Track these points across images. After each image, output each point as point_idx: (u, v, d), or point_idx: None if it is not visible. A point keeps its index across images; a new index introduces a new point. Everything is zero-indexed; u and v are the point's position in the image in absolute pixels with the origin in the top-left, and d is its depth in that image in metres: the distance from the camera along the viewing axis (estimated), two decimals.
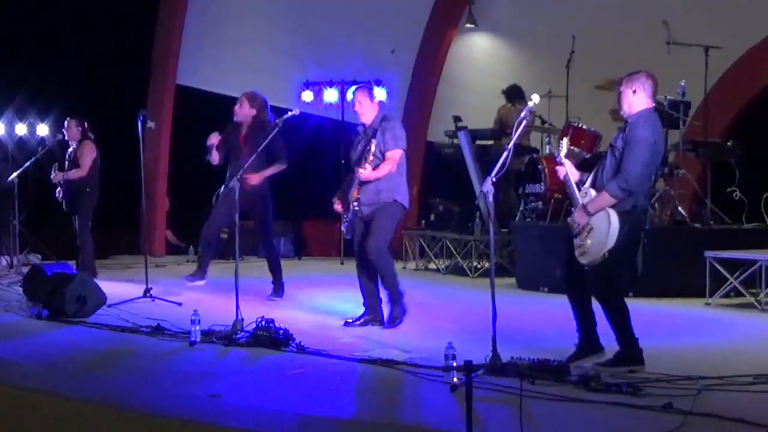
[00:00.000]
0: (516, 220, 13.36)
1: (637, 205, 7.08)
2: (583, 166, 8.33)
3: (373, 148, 8.85)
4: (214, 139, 10.91)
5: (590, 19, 15.15)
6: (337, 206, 9.23)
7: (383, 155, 8.94)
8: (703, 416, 5.65)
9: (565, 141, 7.57)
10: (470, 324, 8.99)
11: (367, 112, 9.12)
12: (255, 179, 10.51)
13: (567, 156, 7.45)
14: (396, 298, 9.14)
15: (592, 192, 7.16)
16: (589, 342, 7.32)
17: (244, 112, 10.96)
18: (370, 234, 8.93)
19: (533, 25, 16.69)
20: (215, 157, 10.96)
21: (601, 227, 6.99)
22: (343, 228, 9.23)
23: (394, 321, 9.06)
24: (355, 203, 8.92)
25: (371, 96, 9.21)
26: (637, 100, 7.19)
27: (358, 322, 9.16)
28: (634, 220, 7.08)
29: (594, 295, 7.18)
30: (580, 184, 7.36)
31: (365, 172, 8.84)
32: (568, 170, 7.37)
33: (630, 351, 7.02)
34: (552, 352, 7.27)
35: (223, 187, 10.76)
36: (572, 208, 7.37)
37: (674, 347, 8.13)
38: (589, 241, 7.05)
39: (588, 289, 7.23)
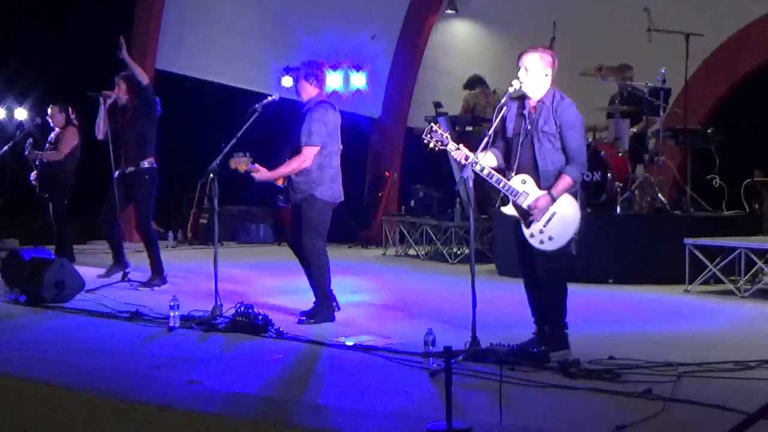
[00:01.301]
0: (496, 207, 13.35)
1: (578, 184, 7.22)
2: None
3: (241, 163, 8.60)
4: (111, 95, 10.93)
5: (571, 5, 15.13)
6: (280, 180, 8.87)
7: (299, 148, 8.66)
8: (682, 402, 5.66)
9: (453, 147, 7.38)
10: (450, 310, 8.99)
11: (301, 91, 8.82)
12: None
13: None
14: (321, 300, 8.71)
15: (529, 178, 7.12)
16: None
17: (122, 95, 10.87)
18: (302, 231, 8.69)
19: (514, 11, 16.67)
20: (102, 126, 10.94)
21: (565, 211, 7.02)
22: (280, 205, 8.99)
23: (310, 318, 8.57)
24: (281, 195, 8.75)
25: (305, 75, 8.77)
26: (546, 82, 7.20)
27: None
28: (579, 199, 7.20)
29: (549, 279, 7.18)
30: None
31: (258, 174, 8.67)
32: (482, 164, 7.28)
33: (562, 333, 7.14)
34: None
35: (118, 172, 10.72)
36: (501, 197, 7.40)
37: (654, 334, 8.16)
38: (552, 227, 7.03)
39: (542, 276, 7.24)
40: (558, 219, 7.02)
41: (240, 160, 8.64)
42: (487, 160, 7.26)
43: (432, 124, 7.41)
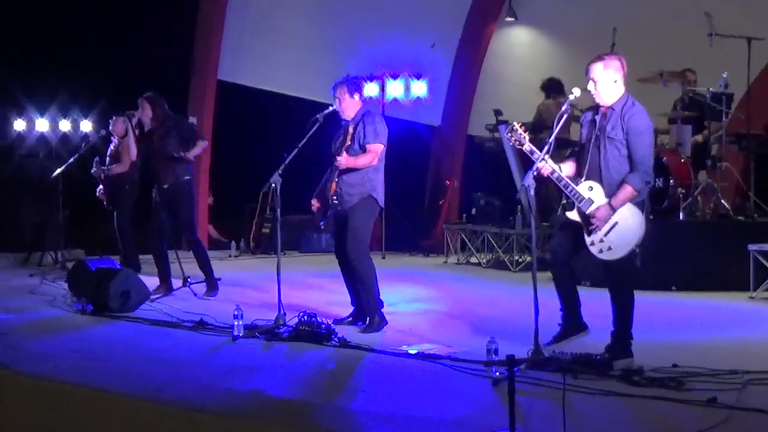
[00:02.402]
0: (557, 214, 13.31)
1: (645, 194, 7.17)
2: None
3: (348, 138, 8.69)
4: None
5: (631, 11, 15.06)
6: (315, 204, 8.99)
7: (363, 149, 8.69)
8: (747, 411, 5.62)
9: (526, 136, 7.42)
10: (512, 318, 8.98)
11: (347, 108, 8.86)
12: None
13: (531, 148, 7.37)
14: (373, 306, 8.76)
15: (597, 185, 7.12)
16: (574, 321, 7.48)
17: (147, 115, 10.89)
18: (348, 234, 8.70)
19: (573, 18, 16.61)
20: (134, 147, 11.39)
21: (627, 221, 7.01)
22: (321, 224, 9.03)
23: (368, 327, 8.67)
24: (334, 197, 8.76)
25: (351, 92, 8.86)
26: (618, 87, 7.18)
27: (347, 321, 8.97)
28: (645, 210, 7.17)
29: (614, 288, 7.19)
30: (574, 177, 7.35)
31: (342, 159, 8.63)
32: (554, 167, 7.29)
33: (627, 342, 7.13)
34: (594, 346, 7.24)
35: (156, 189, 10.82)
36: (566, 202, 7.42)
37: (718, 341, 8.09)
38: (612, 237, 7.02)
39: (608, 286, 7.25)
40: (619, 229, 7.00)
41: None
42: (564, 169, 7.29)
43: (515, 123, 7.42)
